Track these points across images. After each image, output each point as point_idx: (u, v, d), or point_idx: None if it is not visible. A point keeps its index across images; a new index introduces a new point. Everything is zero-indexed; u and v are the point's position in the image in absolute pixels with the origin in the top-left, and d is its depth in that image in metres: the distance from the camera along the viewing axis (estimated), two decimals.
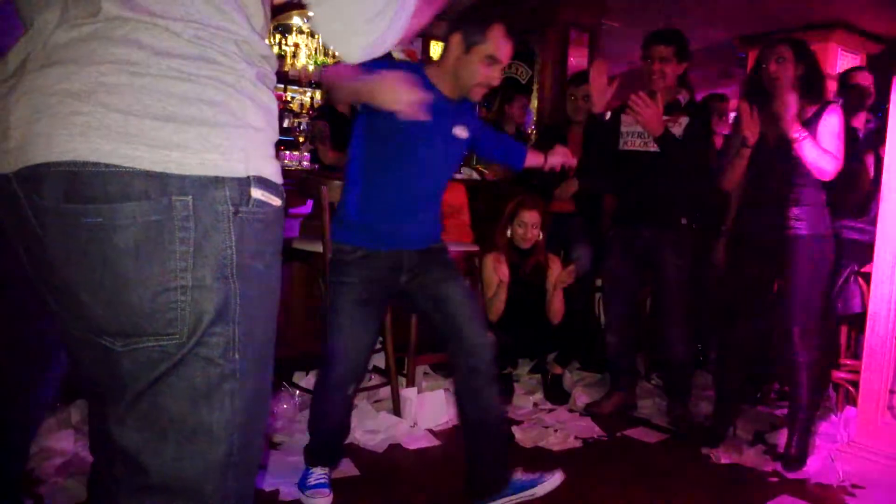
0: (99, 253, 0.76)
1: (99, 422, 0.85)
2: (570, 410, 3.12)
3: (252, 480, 0.92)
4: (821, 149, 2.46)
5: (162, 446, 0.81)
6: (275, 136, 0.89)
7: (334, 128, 4.19)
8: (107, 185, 0.75)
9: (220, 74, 0.81)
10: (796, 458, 2.56)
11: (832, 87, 3.83)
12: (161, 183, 0.76)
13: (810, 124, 2.51)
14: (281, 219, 0.89)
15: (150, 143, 0.75)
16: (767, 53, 2.60)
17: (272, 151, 0.88)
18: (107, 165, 0.75)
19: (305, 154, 3.98)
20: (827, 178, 2.50)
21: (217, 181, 0.79)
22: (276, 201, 0.87)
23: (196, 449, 0.82)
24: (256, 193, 0.83)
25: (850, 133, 2.70)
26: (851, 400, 2.84)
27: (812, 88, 2.57)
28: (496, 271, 3.19)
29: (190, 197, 0.78)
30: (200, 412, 0.82)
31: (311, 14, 0.95)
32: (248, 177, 0.82)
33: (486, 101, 5.77)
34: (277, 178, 0.88)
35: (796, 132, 2.43)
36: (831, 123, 2.51)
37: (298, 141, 3.73)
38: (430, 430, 2.75)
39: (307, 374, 3.10)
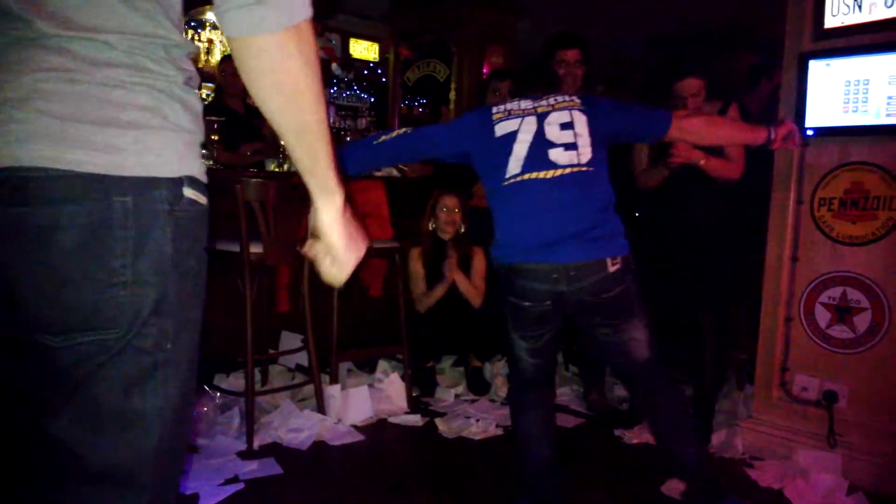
0: (43, 254, 0.79)
1: (23, 419, 0.86)
2: (492, 400, 3.21)
3: (182, 465, 0.96)
4: (722, 163, 2.68)
5: (98, 436, 0.84)
6: (202, 136, 0.92)
7: (225, 125, 3.81)
8: (49, 189, 0.77)
9: (153, 81, 0.84)
10: (701, 434, 2.72)
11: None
12: (101, 185, 0.80)
13: None
14: (206, 217, 0.94)
15: (90, 147, 0.79)
16: (679, 88, 2.73)
17: (200, 152, 0.92)
18: (47, 170, 0.77)
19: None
20: (735, 180, 2.72)
21: (154, 182, 0.83)
22: (204, 200, 0.92)
23: (131, 437, 0.85)
24: (188, 193, 0.87)
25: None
26: (751, 379, 3.04)
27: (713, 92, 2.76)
28: (448, 271, 3.25)
29: (129, 197, 0.81)
30: (134, 401, 0.85)
31: None
32: (181, 177, 0.86)
33: (419, 101, 5.84)
34: (204, 178, 0.92)
35: (701, 159, 2.62)
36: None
37: (212, 139, 3.61)
38: (355, 426, 2.77)
39: (227, 376, 3.07)
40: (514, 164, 1.93)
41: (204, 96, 5.76)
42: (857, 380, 2.44)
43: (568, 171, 1.90)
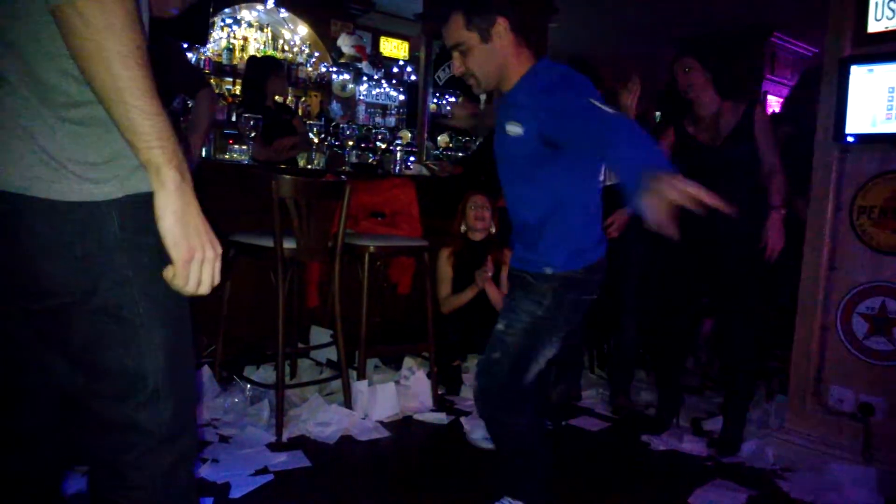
0: (12, 235, 0.96)
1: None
2: None
3: (190, 398, 1.13)
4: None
5: (95, 387, 1.02)
6: None
7: (262, 122, 3.92)
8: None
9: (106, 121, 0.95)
10: (731, 444, 2.69)
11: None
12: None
13: (744, 128, 2.64)
14: None
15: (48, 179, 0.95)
16: (675, 66, 2.74)
17: None
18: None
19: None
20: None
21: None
22: None
23: (125, 388, 1.02)
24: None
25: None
26: (782, 388, 3.00)
27: (729, 89, 2.72)
28: (482, 281, 3.25)
29: None
30: (118, 352, 1.01)
31: None
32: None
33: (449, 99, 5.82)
34: None
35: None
36: (762, 122, 2.66)
37: (248, 135, 3.66)
38: (381, 422, 2.78)
39: (258, 369, 3.10)
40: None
41: (238, 93, 5.82)
42: (895, 393, 2.39)
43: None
